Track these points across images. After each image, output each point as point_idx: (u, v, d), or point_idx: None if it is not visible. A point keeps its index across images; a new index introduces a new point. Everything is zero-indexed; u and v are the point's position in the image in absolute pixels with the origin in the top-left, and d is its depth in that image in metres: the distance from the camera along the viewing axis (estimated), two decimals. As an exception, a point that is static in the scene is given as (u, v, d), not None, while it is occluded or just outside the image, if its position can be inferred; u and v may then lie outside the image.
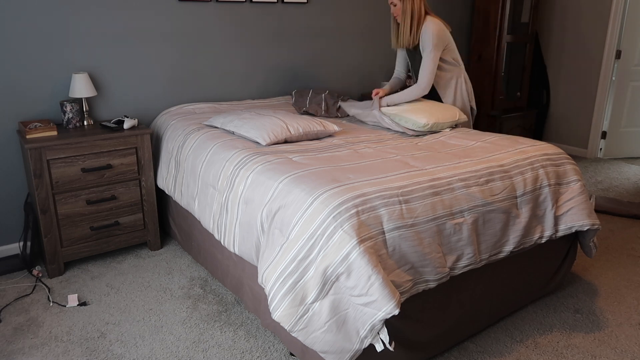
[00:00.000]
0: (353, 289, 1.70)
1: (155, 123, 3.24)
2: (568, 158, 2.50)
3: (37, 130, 2.67)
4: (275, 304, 1.81)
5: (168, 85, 3.37)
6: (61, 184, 2.68)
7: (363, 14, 4.21)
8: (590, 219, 2.41)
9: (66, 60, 2.96)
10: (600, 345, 2.23)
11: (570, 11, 5.05)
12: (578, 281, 2.77)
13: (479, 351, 2.18)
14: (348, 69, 4.26)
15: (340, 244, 1.71)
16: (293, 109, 3.45)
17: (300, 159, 2.30)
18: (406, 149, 2.52)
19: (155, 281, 2.74)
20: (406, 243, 1.82)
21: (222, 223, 2.31)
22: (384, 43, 4.41)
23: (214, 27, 3.46)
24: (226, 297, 2.59)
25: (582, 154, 5.20)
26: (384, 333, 1.71)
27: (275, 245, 1.91)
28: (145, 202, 2.99)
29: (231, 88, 3.65)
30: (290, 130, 2.60)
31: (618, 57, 4.83)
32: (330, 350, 1.76)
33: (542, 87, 5.35)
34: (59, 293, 2.62)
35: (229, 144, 2.54)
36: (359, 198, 1.82)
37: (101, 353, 2.15)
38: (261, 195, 2.07)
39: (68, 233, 2.77)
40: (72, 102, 2.88)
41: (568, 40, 5.11)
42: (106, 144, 2.78)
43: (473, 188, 2.08)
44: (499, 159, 2.32)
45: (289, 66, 3.90)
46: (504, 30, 4.67)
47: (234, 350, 2.18)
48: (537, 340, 2.26)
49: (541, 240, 2.30)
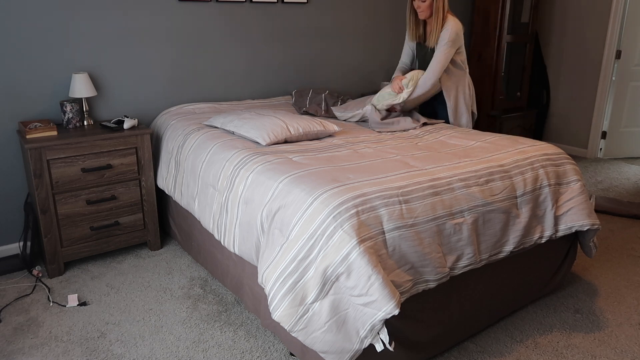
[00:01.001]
0: (353, 289, 1.70)
1: (155, 123, 3.24)
2: (568, 158, 2.50)
3: (37, 130, 2.67)
4: (275, 304, 1.81)
5: (168, 85, 3.37)
6: (61, 184, 2.68)
7: (363, 14, 4.21)
8: (590, 219, 2.41)
9: (66, 60, 2.96)
10: (600, 345, 2.23)
11: (570, 11, 5.05)
12: (578, 281, 2.77)
13: (479, 351, 2.18)
14: (348, 69, 4.26)
15: (340, 244, 1.71)
16: (293, 109, 3.45)
17: (300, 159, 2.30)
18: (406, 149, 2.52)
19: (155, 281, 2.74)
20: (406, 243, 1.82)
21: (222, 223, 2.31)
22: (384, 43, 4.41)
23: (214, 27, 3.46)
24: (226, 297, 2.59)
25: (582, 154, 5.20)
26: (384, 333, 1.71)
27: (275, 245, 1.91)
28: (145, 202, 2.99)
29: (231, 88, 3.65)
30: (290, 130, 2.60)
31: (618, 57, 4.83)
32: (330, 350, 1.76)
33: (542, 87, 5.35)
34: (59, 293, 2.62)
35: (229, 144, 2.54)
36: (359, 198, 1.82)
37: (101, 353, 2.15)
38: (261, 195, 2.07)
39: (68, 233, 2.77)
40: (72, 102, 2.88)
41: (568, 40, 5.11)
42: (106, 144, 2.78)
43: (473, 188, 2.08)
44: (499, 159, 2.32)
45: (289, 66, 3.90)
46: (504, 30, 4.67)
47: (234, 350, 2.18)
48: (537, 340, 2.26)
49: (541, 240, 2.30)
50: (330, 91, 3.46)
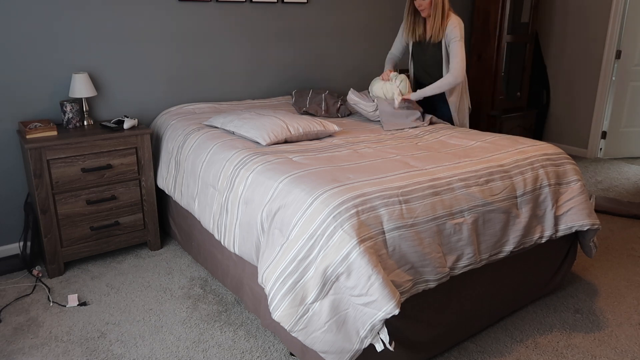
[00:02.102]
0: (353, 289, 1.70)
1: (155, 123, 3.24)
2: (568, 158, 2.50)
3: (37, 130, 2.67)
4: (275, 304, 1.81)
5: (168, 85, 3.37)
6: (61, 184, 2.68)
7: (363, 14, 4.21)
8: (590, 219, 2.41)
9: (66, 60, 2.96)
10: (600, 345, 2.23)
11: (570, 11, 5.05)
12: (578, 281, 2.77)
13: (479, 351, 2.18)
14: (348, 69, 4.26)
15: (340, 244, 1.71)
16: (293, 109, 3.45)
17: (300, 159, 2.30)
18: (406, 149, 2.52)
19: (155, 281, 2.74)
20: (406, 243, 1.82)
21: (222, 223, 2.31)
22: (384, 43, 4.41)
23: (214, 27, 3.46)
24: (226, 297, 2.59)
25: (582, 154, 5.20)
26: (384, 333, 1.71)
27: (275, 245, 1.91)
28: (145, 202, 2.99)
29: (231, 88, 3.65)
30: (291, 130, 2.60)
31: (618, 57, 4.83)
32: (330, 350, 1.76)
33: (542, 87, 5.35)
34: (59, 293, 2.62)
35: (229, 144, 2.54)
36: (359, 198, 1.82)
37: (101, 353, 2.15)
38: (261, 195, 2.07)
39: (68, 233, 2.77)
40: (72, 102, 2.88)
41: (568, 40, 5.11)
42: (106, 144, 2.78)
43: (473, 188, 2.08)
44: (499, 159, 2.32)
45: (289, 66, 3.90)
46: (504, 30, 4.67)
47: (234, 350, 2.18)
48: (537, 340, 2.26)
49: (541, 240, 2.30)
50: (330, 91, 3.46)
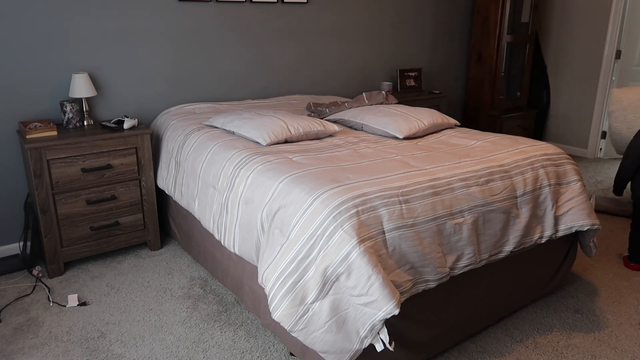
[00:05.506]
0: (353, 289, 1.70)
1: (155, 123, 3.24)
2: (568, 158, 2.50)
3: (37, 130, 2.67)
4: (275, 304, 1.81)
5: (168, 85, 3.37)
6: (61, 184, 2.68)
7: (363, 14, 4.21)
8: (590, 219, 2.41)
9: (66, 60, 2.96)
10: (600, 345, 2.23)
11: (570, 11, 5.05)
12: (578, 281, 2.77)
13: (479, 351, 2.18)
14: (348, 69, 4.26)
15: (340, 244, 1.71)
16: (293, 109, 3.44)
17: (301, 159, 2.30)
18: (406, 149, 2.52)
19: (155, 281, 2.74)
20: (406, 243, 1.82)
21: (222, 223, 2.31)
22: (385, 43, 4.41)
23: (214, 27, 3.46)
24: (226, 297, 2.59)
25: (582, 154, 5.20)
26: (384, 333, 1.71)
27: (275, 245, 1.91)
28: (145, 202, 2.99)
29: (231, 88, 3.65)
30: (291, 130, 2.60)
31: (618, 57, 4.83)
32: (330, 350, 1.76)
33: (542, 87, 5.35)
34: (59, 293, 2.62)
35: (229, 144, 2.54)
36: (359, 198, 1.82)
37: (101, 353, 2.15)
38: (261, 195, 2.07)
39: (68, 233, 2.77)
40: (72, 102, 2.88)
41: (568, 40, 5.11)
42: (106, 144, 2.78)
43: (473, 188, 2.08)
44: (499, 159, 2.32)
45: (288, 66, 3.90)
46: (504, 30, 4.67)
47: (234, 350, 2.18)
48: (537, 340, 2.26)
49: (541, 240, 2.30)
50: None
